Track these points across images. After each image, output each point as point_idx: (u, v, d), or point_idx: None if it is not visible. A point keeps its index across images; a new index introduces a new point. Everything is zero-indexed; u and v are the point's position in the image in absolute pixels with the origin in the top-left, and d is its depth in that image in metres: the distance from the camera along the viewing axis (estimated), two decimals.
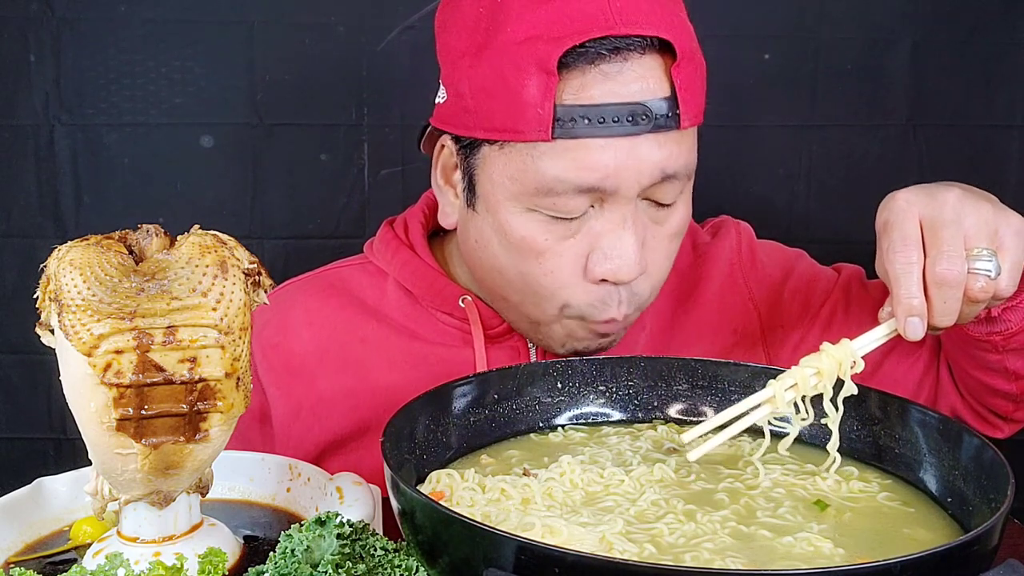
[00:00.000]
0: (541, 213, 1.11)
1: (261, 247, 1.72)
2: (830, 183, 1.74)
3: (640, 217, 1.12)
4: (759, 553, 0.85)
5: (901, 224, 0.95)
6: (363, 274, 1.32)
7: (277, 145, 1.71)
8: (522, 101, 1.07)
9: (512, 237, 1.13)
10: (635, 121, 1.06)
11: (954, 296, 0.94)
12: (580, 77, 1.06)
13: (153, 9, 1.67)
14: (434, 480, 0.96)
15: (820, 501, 0.94)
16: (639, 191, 1.10)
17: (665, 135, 1.09)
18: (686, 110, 1.09)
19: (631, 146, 1.07)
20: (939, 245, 0.94)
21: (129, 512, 0.92)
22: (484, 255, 1.18)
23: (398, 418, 0.95)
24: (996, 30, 1.69)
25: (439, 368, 1.24)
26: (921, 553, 0.72)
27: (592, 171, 1.07)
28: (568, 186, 1.08)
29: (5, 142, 1.69)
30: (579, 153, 1.07)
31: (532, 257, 1.13)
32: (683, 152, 1.11)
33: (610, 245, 1.11)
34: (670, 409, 1.12)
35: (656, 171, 1.09)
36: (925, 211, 0.95)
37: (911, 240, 0.95)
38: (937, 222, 0.94)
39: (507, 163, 1.11)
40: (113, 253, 0.85)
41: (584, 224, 1.11)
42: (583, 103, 1.06)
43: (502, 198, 1.13)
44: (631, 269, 1.11)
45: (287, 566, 0.82)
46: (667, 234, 1.15)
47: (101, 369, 0.80)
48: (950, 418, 0.97)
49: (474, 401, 1.06)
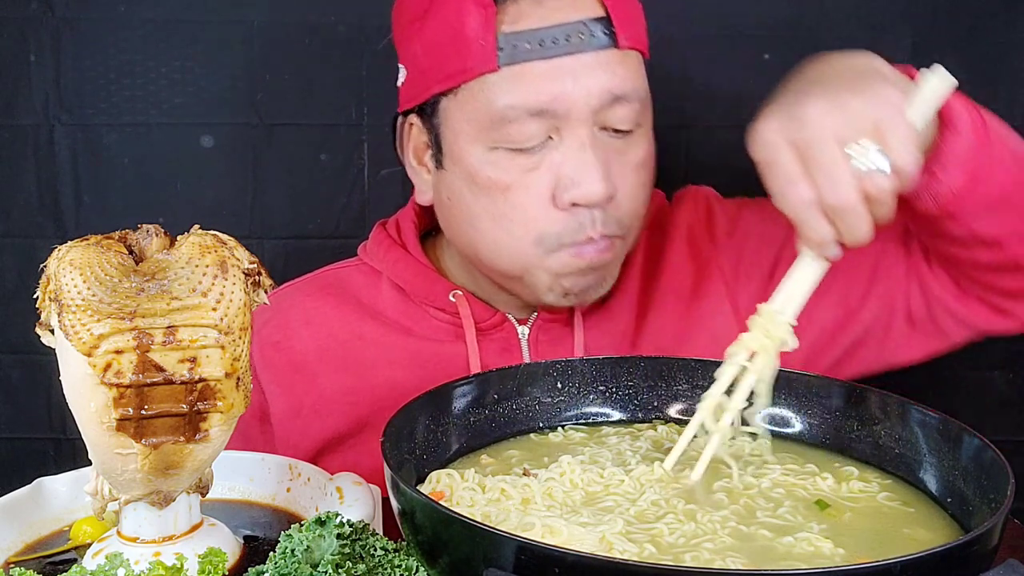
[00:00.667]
0: (502, 149, 1.16)
1: (261, 247, 1.72)
2: None
3: (600, 144, 1.16)
4: (759, 553, 0.85)
5: (774, 161, 0.91)
6: (359, 274, 1.35)
7: (277, 145, 1.71)
8: (465, 39, 1.14)
9: (479, 179, 1.18)
10: (571, 40, 1.13)
11: (859, 214, 0.90)
12: (515, 5, 1.14)
13: (153, 9, 1.66)
14: (434, 480, 0.96)
15: (820, 501, 0.94)
16: (591, 113, 1.15)
17: (606, 55, 1.15)
18: (622, 30, 1.15)
19: (573, 65, 1.13)
20: (820, 170, 0.89)
21: (129, 512, 0.92)
22: (457, 212, 1.23)
23: (398, 418, 0.96)
24: (996, 30, 1.68)
25: (433, 363, 1.27)
26: (921, 553, 0.72)
27: (539, 92, 1.13)
28: (519, 111, 1.14)
29: (5, 142, 1.69)
30: (525, 77, 1.13)
31: (499, 195, 1.17)
32: (629, 74, 1.17)
33: (573, 169, 1.15)
34: (670, 409, 1.12)
35: (604, 92, 1.14)
36: (790, 136, 0.91)
37: (792, 175, 0.91)
38: (808, 147, 0.90)
39: (463, 107, 1.17)
40: (113, 253, 0.85)
41: (546, 156, 1.16)
42: (521, 29, 1.14)
43: (465, 144, 1.18)
44: (597, 188, 1.14)
45: (287, 566, 0.82)
46: (632, 163, 1.20)
47: (101, 369, 0.80)
48: (950, 418, 0.97)
49: (474, 401, 1.06)
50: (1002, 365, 1.72)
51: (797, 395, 1.08)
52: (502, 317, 1.29)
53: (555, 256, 1.18)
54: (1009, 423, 1.73)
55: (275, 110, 1.70)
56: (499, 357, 1.28)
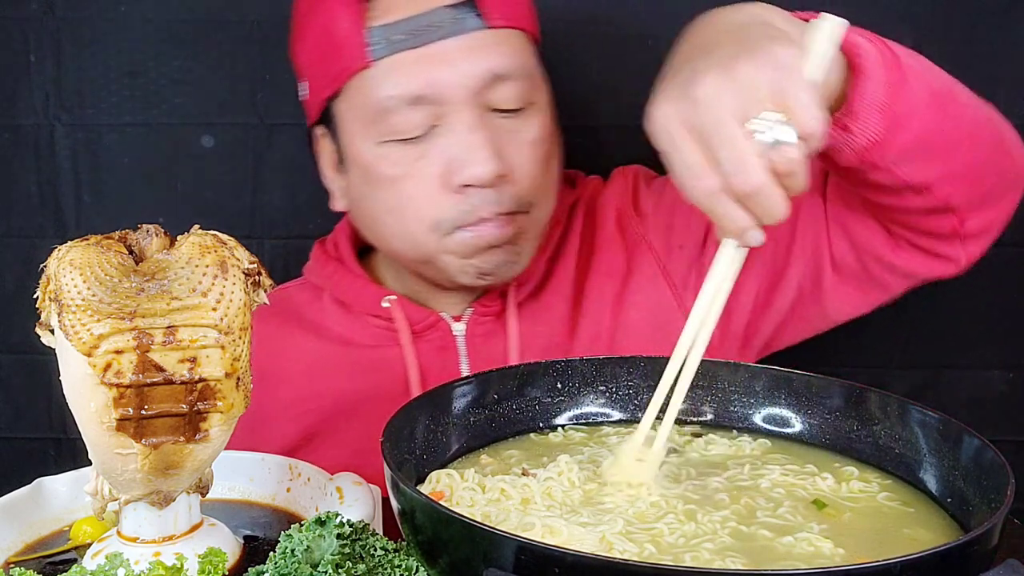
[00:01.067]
0: (390, 142, 1.19)
1: (261, 247, 1.72)
2: None
3: (489, 124, 1.18)
4: (759, 553, 0.85)
5: (673, 150, 0.84)
6: (302, 292, 1.39)
7: (277, 145, 1.71)
8: (338, 40, 1.18)
9: (373, 175, 1.21)
10: (442, 26, 1.15)
11: (769, 194, 0.82)
12: (381, 0, 1.18)
13: (153, 9, 1.66)
14: (434, 480, 0.96)
15: (818, 500, 0.94)
16: (471, 95, 1.17)
17: (479, 37, 1.17)
18: (491, 12, 1.17)
19: (445, 50, 1.16)
20: (724, 157, 0.81)
21: (129, 512, 0.92)
22: (363, 211, 1.27)
23: (398, 418, 0.96)
24: (996, 30, 1.68)
25: (371, 369, 1.31)
26: (921, 553, 0.72)
27: (413, 80, 1.16)
28: (397, 102, 1.16)
29: (5, 142, 1.69)
30: (398, 68, 1.16)
31: (393, 187, 1.20)
32: (507, 53, 1.18)
33: (460, 151, 1.17)
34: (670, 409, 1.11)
35: (480, 73, 1.16)
36: (685, 119, 0.83)
37: (693, 165, 0.83)
38: (706, 130, 0.82)
39: (350, 107, 1.21)
40: (113, 253, 0.85)
41: (433, 144, 1.18)
42: (390, 21, 1.16)
43: (357, 143, 1.22)
44: (486, 167, 1.16)
45: (287, 566, 0.82)
46: (526, 140, 1.21)
47: (101, 369, 0.80)
48: (950, 418, 0.97)
49: (474, 401, 1.06)
50: (1002, 365, 1.72)
51: (797, 395, 1.08)
52: (436, 317, 1.31)
53: (453, 238, 1.20)
54: (1009, 423, 1.73)
55: (275, 110, 1.70)
56: (436, 357, 1.30)
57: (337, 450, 1.29)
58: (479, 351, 1.30)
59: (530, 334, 1.30)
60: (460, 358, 1.30)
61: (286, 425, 1.32)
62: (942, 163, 1.05)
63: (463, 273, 1.24)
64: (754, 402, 1.09)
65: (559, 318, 1.32)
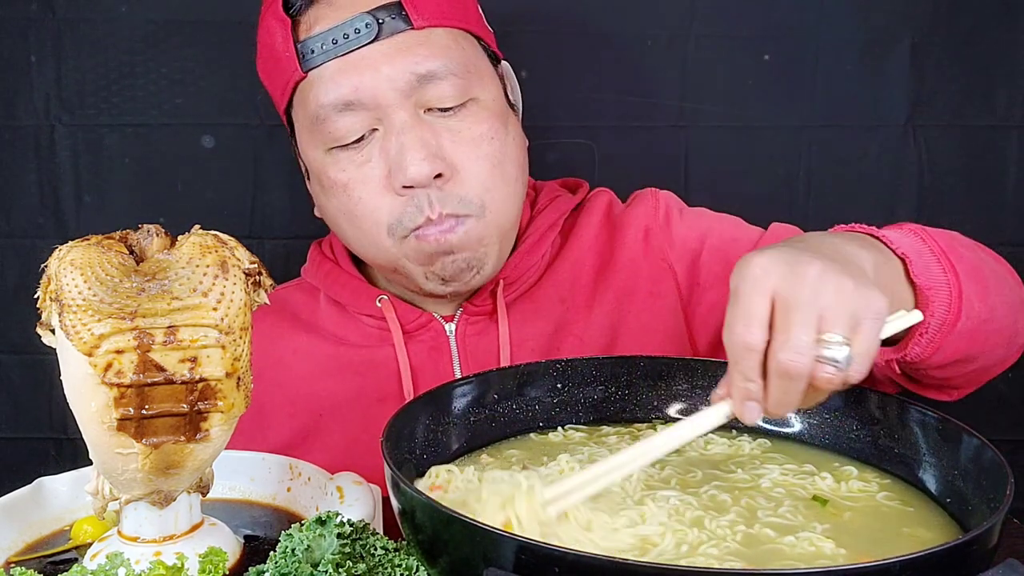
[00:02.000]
0: (335, 148, 1.21)
1: (261, 247, 1.72)
2: (830, 183, 1.73)
3: (426, 125, 1.19)
4: (761, 553, 0.85)
5: (749, 298, 0.84)
6: (299, 293, 1.40)
7: (277, 145, 1.71)
8: (277, 54, 1.22)
9: (325, 182, 1.24)
10: (361, 32, 1.18)
11: (796, 388, 0.84)
12: (307, 14, 1.21)
13: (153, 9, 1.66)
14: (433, 475, 0.96)
15: (818, 497, 0.94)
16: (402, 97, 1.18)
17: (402, 39, 1.19)
18: (415, 12, 1.19)
19: (368, 56, 1.18)
20: (788, 331, 0.82)
21: (130, 512, 0.92)
22: (327, 218, 1.29)
23: (398, 418, 0.96)
24: (996, 30, 1.68)
25: (364, 369, 1.32)
26: (921, 553, 0.72)
27: (340, 86, 1.18)
28: (330, 108, 1.19)
29: (6, 142, 1.69)
30: (325, 77, 1.19)
31: (342, 192, 1.22)
32: (435, 52, 1.19)
33: (397, 152, 1.18)
34: (670, 409, 1.12)
35: (405, 75, 1.18)
36: (780, 286, 0.84)
37: (756, 320, 0.83)
38: (791, 302, 0.83)
39: (298, 120, 1.25)
40: (114, 253, 0.85)
41: (375, 148, 1.20)
42: (315, 33, 1.20)
43: (309, 151, 1.25)
44: (421, 167, 1.17)
45: (287, 566, 0.82)
46: (468, 139, 1.21)
47: (102, 369, 0.81)
48: (950, 418, 0.97)
49: (474, 401, 1.06)
50: None
51: None
52: (428, 317, 1.32)
53: (406, 243, 1.21)
54: (1009, 423, 1.73)
55: (275, 110, 1.69)
56: (428, 356, 1.31)
57: (331, 449, 1.30)
58: (471, 351, 1.31)
59: (521, 334, 1.31)
60: (452, 358, 1.31)
61: (283, 424, 1.33)
62: (967, 367, 1.10)
63: (427, 280, 1.24)
64: None
65: (554, 320, 1.32)
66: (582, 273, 1.34)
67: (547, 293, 1.33)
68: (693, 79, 1.69)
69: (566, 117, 1.67)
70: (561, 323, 1.32)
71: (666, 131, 1.71)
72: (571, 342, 1.31)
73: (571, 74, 1.68)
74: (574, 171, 1.51)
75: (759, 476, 0.99)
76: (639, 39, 1.68)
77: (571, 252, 1.35)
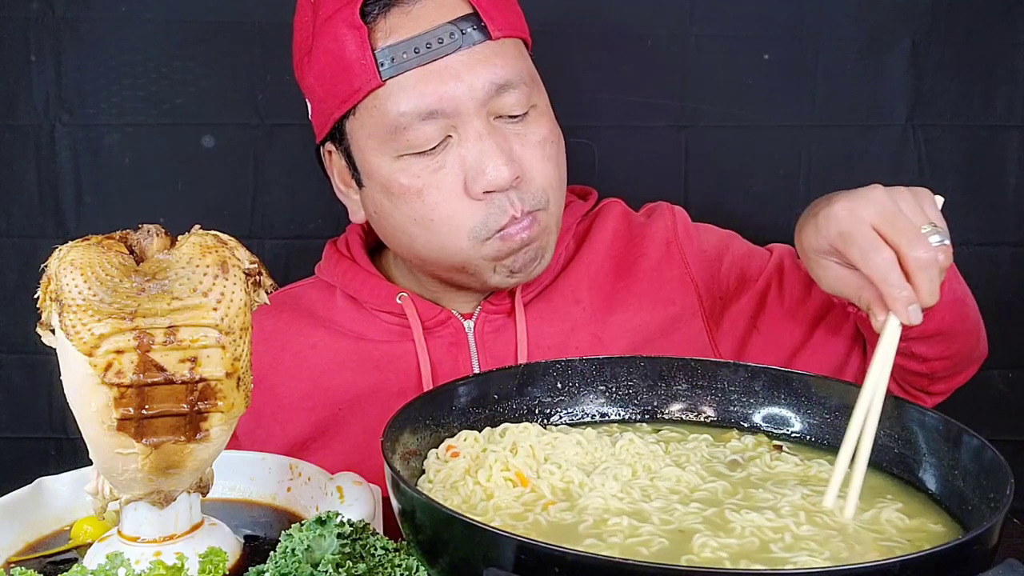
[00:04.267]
0: (407, 156, 1.22)
1: (261, 247, 1.72)
2: (830, 183, 1.72)
3: (499, 131, 1.22)
4: (762, 551, 0.85)
5: (859, 231, 0.99)
6: (314, 290, 1.42)
7: (277, 145, 1.71)
8: (348, 62, 1.21)
9: (393, 188, 1.24)
10: (444, 42, 1.20)
11: (934, 274, 0.98)
12: (384, 21, 1.21)
13: (153, 9, 1.67)
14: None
15: None
16: (479, 106, 1.21)
17: (481, 50, 1.21)
18: (492, 24, 1.21)
19: (451, 65, 1.20)
20: (905, 235, 0.98)
21: (130, 512, 0.92)
22: (386, 224, 1.29)
23: (399, 417, 0.96)
24: (996, 30, 1.69)
25: (384, 364, 1.33)
26: (921, 553, 0.72)
27: (424, 96, 1.19)
28: (411, 117, 1.20)
29: (6, 142, 1.69)
30: (409, 85, 1.20)
31: (415, 199, 1.23)
32: (508, 62, 1.22)
33: (476, 159, 1.21)
34: (670, 409, 1.12)
35: (487, 85, 1.20)
36: (870, 214, 1.00)
37: (879, 243, 0.99)
38: (888, 218, 0.99)
39: (363, 124, 1.24)
40: (114, 253, 0.85)
41: (449, 154, 1.22)
42: (394, 42, 1.20)
43: (373, 158, 1.24)
44: (503, 172, 1.20)
45: (287, 565, 0.82)
46: (534, 142, 1.25)
47: (102, 369, 0.81)
48: (950, 418, 0.97)
49: (474, 401, 1.06)
50: (1002, 365, 1.72)
51: (797, 395, 1.08)
52: (448, 314, 1.34)
53: (488, 244, 1.23)
54: (1009, 423, 1.73)
55: (275, 110, 1.70)
56: (447, 352, 1.33)
57: (349, 442, 1.31)
58: (490, 347, 1.33)
59: (538, 333, 1.33)
60: (471, 354, 1.33)
61: (299, 417, 1.33)
62: (945, 347, 1.23)
63: (496, 274, 1.27)
64: (754, 402, 1.09)
65: (570, 320, 1.34)
66: (598, 277, 1.37)
67: (563, 294, 1.36)
68: (693, 79, 1.69)
69: (566, 117, 1.66)
70: (577, 324, 1.34)
71: (666, 131, 1.71)
72: (589, 342, 1.33)
73: (571, 74, 1.68)
74: (574, 171, 1.50)
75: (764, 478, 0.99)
76: (639, 39, 1.68)
77: (585, 256, 1.39)
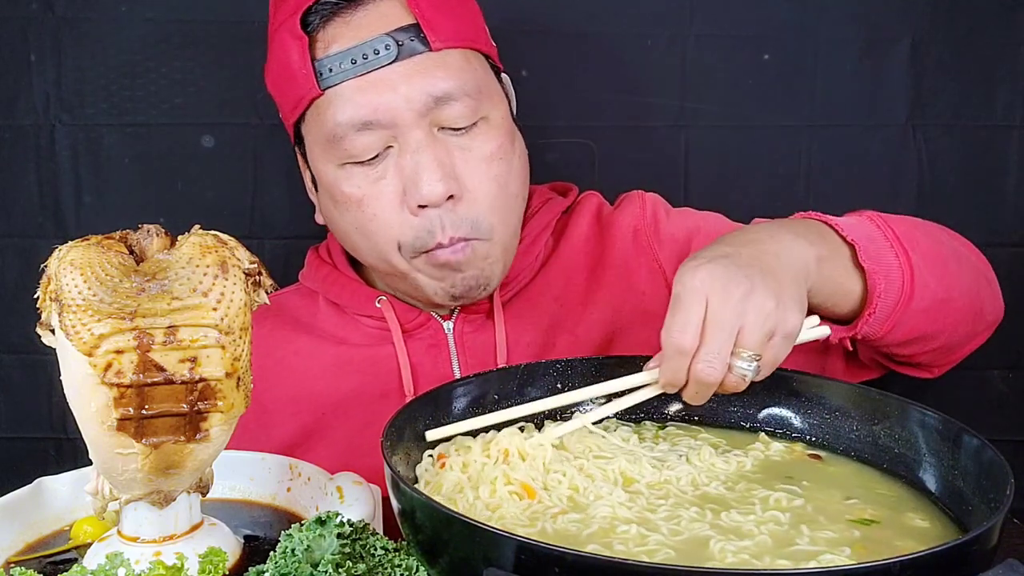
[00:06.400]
0: (349, 164, 1.22)
1: (261, 247, 1.72)
2: (830, 183, 1.73)
3: (440, 144, 1.21)
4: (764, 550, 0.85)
5: (688, 307, 0.96)
6: (297, 297, 1.43)
7: (277, 145, 1.70)
8: (292, 71, 1.23)
9: (337, 196, 1.25)
10: (380, 53, 1.19)
11: (708, 390, 0.98)
12: (323, 31, 1.22)
13: (153, 9, 1.66)
14: None
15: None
16: (417, 117, 1.20)
17: (420, 61, 1.20)
18: (433, 34, 1.20)
19: (388, 76, 1.19)
20: (708, 345, 0.96)
21: (129, 512, 0.92)
22: (336, 229, 1.31)
23: (398, 418, 0.96)
24: (996, 30, 1.68)
25: (365, 367, 1.34)
26: (921, 553, 0.72)
27: (360, 106, 1.19)
28: (347, 127, 1.20)
29: (5, 142, 1.69)
30: (346, 95, 1.20)
31: (356, 207, 1.24)
32: (451, 73, 1.21)
33: (413, 171, 1.20)
34: (670, 409, 1.12)
35: (423, 95, 1.19)
36: (712, 300, 0.96)
37: (691, 327, 0.96)
38: (716, 320, 0.96)
39: (310, 132, 1.26)
40: (114, 253, 0.85)
41: (390, 165, 1.22)
42: (333, 52, 1.21)
43: (320, 165, 1.26)
44: (436, 187, 1.19)
45: (287, 566, 0.82)
46: (479, 158, 1.23)
47: (102, 369, 0.81)
48: (950, 418, 0.97)
49: (474, 401, 1.06)
50: (1002, 365, 1.72)
51: (797, 395, 1.08)
52: (427, 316, 1.34)
53: (416, 260, 1.24)
54: (1009, 423, 1.73)
55: (275, 110, 1.68)
56: (427, 353, 1.33)
57: (334, 446, 1.32)
58: (468, 348, 1.33)
59: (517, 332, 1.33)
60: (451, 355, 1.33)
61: (285, 422, 1.34)
62: (930, 344, 1.22)
63: (435, 293, 1.27)
64: (754, 402, 1.09)
65: (548, 318, 1.35)
66: (574, 273, 1.37)
67: (541, 292, 1.36)
68: (693, 79, 1.69)
69: (566, 117, 1.66)
70: (555, 321, 1.35)
71: (666, 131, 1.71)
72: (566, 339, 1.33)
73: (571, 74, 1.68)
74: (574, 171, 1.51)
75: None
76: (639, 39, 1.68)
77: (563, 253, 1.38)
